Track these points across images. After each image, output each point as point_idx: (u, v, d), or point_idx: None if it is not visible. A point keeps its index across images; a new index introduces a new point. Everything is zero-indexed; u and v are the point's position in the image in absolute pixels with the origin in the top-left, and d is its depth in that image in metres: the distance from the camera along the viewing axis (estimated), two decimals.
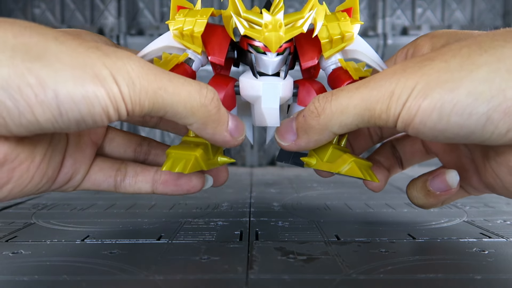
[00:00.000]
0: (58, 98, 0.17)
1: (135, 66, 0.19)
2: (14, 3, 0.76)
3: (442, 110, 0.19)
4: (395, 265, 0.21)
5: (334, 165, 0.25)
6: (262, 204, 0.37)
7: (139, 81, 0.19)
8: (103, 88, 0.18)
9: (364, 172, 0.25)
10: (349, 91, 0.21)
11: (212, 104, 0.22)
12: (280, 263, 0.21)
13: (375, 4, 0.77)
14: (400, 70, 0.20)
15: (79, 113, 0.18)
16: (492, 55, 0.18)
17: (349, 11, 0.27)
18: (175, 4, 0.26)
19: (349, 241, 0.25)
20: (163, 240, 0.25)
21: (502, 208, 0.35)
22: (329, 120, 0.22)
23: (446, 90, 0.18)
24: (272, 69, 0.24)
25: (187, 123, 0.22)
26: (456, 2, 0.78)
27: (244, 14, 0.23)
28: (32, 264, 0.21)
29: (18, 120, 0.17)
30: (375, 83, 0.20)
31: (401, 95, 0.19)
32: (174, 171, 0.23)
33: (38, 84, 0.17)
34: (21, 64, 0.17)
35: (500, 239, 0.25)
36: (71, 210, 0.35)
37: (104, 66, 0.18)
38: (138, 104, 0.19)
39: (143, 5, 0.77)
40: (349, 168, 0.25)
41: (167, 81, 0.20)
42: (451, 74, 0.19)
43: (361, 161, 0.25)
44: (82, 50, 0.18)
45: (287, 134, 0.25)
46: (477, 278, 0.19)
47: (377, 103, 0.20)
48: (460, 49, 0.19)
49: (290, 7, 0.78)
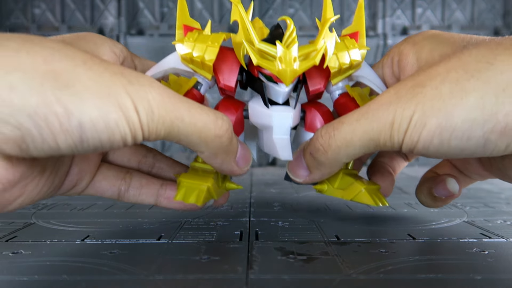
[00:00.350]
0: (82, 127, 0.18)
1: (156, 94, 0.19)
2: (14, 3, 0.76)
3: (442, 136, 0.20)
4: (395, 265, 0.21)
5: (346, 192, 0.27)
6: (262, 204, 0.37)
7: (158, 110, 0.19)
8: (124, 117, 0.18)
9: (376, 199, 0.26)
10: (350, 124, 0.22)
11: (226, 135, 0.22)
12: (280, 263, 0.21)
13: (375, 4, 0.77)
14: (395, 99, 0.21)
15: (99, 140, 0.18)
16: (478, 80, 0.19)
17: (356, 35, 0.27)
18: (181, 23, 0.26)
19: (349, 241, 0.25)
20: (163, 240, 0.25)
21: (502, 208, 0.35)
22: (337, 154, 0.23)
23: (441, 118, 0.20)
24: (283, 98, 0.25)
25: (199, 151, 0.22)
26: (456, 2, 0.78)
27: (258, 46, 0.22)
28: (32, 264, 0.21)
29: (40, 146, 0.18)
30: (373, 115, 0.22)
31: (401, 125, 0.21)
32: (187, 202, 0.24)
33: (65, 113, 0.17)
34: (50, 93, 0.17)
35: (500, 239, 0.25)
36: (71, 210, 0.35)
37: (127, 95, 0.19)
38: (155, 133, 0.20)
39: (143, 5, 0.77)
40: (361, 196, 0.26)
41: (185, 110, 0.20)
42: (443, 102, 0.20)
43: (370, 187, 0.27)
44: (108, 77, 0.18)
45: (299, 171, 0.26)
46: (477, 279, 0.19)
47: (380, 134, 0.21)
48: (448, 73, 0.20)
49: (291, 7, 0.78)
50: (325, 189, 0.27)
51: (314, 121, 0.27)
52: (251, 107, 0.26)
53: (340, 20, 0.78)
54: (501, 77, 0.19)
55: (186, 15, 0.26)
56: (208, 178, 0.25)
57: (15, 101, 0.17)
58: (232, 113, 0.26)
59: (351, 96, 0.27)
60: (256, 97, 0.26)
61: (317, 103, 0.28)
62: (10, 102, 0.17)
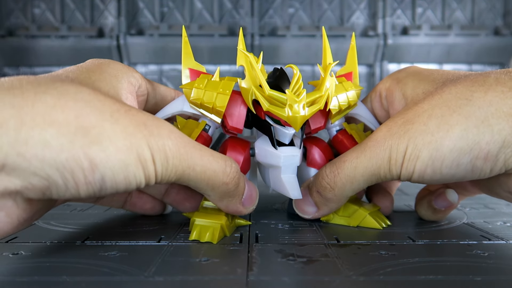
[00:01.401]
0: (104, 180, 0.19)
1: (173, 145, 0.21)
2: (14, 3, 0.76)
3: (434, 166, 0.23)
4: (395, 267, 0.21)
5: (352, 219, 0.29)
6: (262, 206, 0.37)
7: (172, 161, 0.21)
8: (142, 169, 0.20)
9: (380, 221, 0.28)
10: (351, 162, 0.25)
11: (233, 182, 0.24)
12: (280, 265, 0.21)
13: (375, 4, 0.77)
14: (389, 135, 0.24)
15: (116, 189, 0.20)
16: (460, 115, 0.22)
17: (350, 75, 0.30)
18: (187, 67, 0.27)
19: (349, 244, 0.25)
20: (163, 242, 0.25)
21: (502, 210, 0.35)
22: (343, 190, 0.26)
23: (432, 150, 0.22)
24: (289, 139, 0.26)
25: (205, 194, 0.25)
26: (456, 2, 0.78)
27: (269, 93, 0.24)
28: (32, 265, 0.21)
29: (63, 194, 0.19)
30: (371, 152, 0.24)
31: (397, 160, 0.24)
32: (203, 241, 0.25)
33: (90, 167, 0.19)
34: (80, 150, 0.18)
35: (500, 241, 0.26)
36: (71, 211, 0.35)
37: (147, 147, 0.20)
38: (166, 179, 0.22)
39: (143, 5, 0.77)
40: (367, 221, 0.28)
41: (197, 158, 0.22)
42: (432, 135, 0.22)
43: (373, 211, 0.29)
44: (131, 130, 0.20)
45: (307, 209, 0.29)
46: (477, 280, 0.19)
47: (379, 169, 0.24)
48: (433, 110, 0.23)
49: (291, 7, 0.78)
50: (331, 218, 0.29)
51: (315, 157, 0.29)
52: (259, 148, 0.28)
53: (341, 20, 0.78)
54: (479, 112, 0.22)
55: (191, 59, 0.28)
56: (221, 216, 0.26)
57: (47, 156, 0.18)
58: (240, 153, 0.27)
59: (349, 134, 0.29)
60: (262, 138, 0.28)
61: (316, 139, 0.30)
62: (42, 157, 0.18)
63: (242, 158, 0.27)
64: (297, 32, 0.76)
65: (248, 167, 0.29)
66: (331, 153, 0.30)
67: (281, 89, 0.24)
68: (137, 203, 0.31)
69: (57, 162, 0.18)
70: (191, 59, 0.27)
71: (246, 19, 0.76)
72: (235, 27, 0.77)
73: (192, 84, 0.26)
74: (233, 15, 0.77)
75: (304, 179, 0.30)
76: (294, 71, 0.25)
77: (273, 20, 0.78)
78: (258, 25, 0.76)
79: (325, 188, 0.26)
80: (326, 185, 0.26)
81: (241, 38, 0.26)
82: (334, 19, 0.78)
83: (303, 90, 0.24)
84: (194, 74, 0.27)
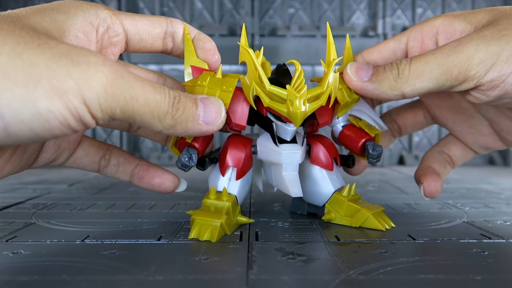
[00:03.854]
0: (4, 120, 0.17)
1: (109, 72, 0.19)
2: (14, 3, 0.76)
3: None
4: (395, 266, 0.21)
5: (354, 220, 0.28)
6: (262, 204, 0.37)
7: (111, 89, 0.19)
8: (60, 102, 0.17)
9: (383, 223, 0.28)
10: (425, 57, 0.23)
11: (177, 109, 0.22)
12: (280, 263, 0.21)
13: (375, 4, 0.77)
14: (478, 37, 0.22)
15: (31, 131, 0.18)
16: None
17: None
18: (189, 64, 0.27)
19: (349, 242, 0.25)
20: (163, 241, 0.25)
21: (502, 209, 0.35)
22: (405, 82, 0.24)
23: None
24: (291, 136, 0.26)
25: (155, 129, 0.22)
26: (456, 2, 0.78)
27: (269, 89, 0.23)
28: (32, 264, 0.21)
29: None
30: (450, 50, 0.23)
31: (486, 60, 0.22)
32: (202, 240, 0.25)
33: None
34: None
35: (500, 240, 0.25)
36: (71, 210, 0.35)
37: (68, 76, 0.17)
38: (108, 113, 0.19)
39: (143, 5, 0.77)
40: (369, 222, 0.28)
41: (139, 89, 0.20)
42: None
43: (376, 212, 0.28)
44: (42, 61, 0.17)
45: (361, 72, 0.26)
46: (477, 279, 0.19)
47: (454, 67, 0.22)
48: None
49: (291, 7, 0.78)
50: (333, 218, 0.29)
51: (319, 155, 0.29)
52: (260, 145, 0.28)
53: (341, 20, 0.78)
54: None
55: (193, 56, 0.27)
56: (221, 214, 0.26)
57: None
58: (242, 150, 0.27)
59: (358, 126, 0.29)
60: (264, 135, 0.28)
61: (320, 136, 0.30)
62: None
63: (244, 156, 0.27)
64: (297, 32, 0.76)
65: (250, 165, 0.28)
66: (336, 150, 0.30)
67: (282, 85, 0.24)
68: (144, 177, 0.29)
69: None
70: (193, 56, 0.27)
71: (246, 19, 0.76)
72: (235, 27, 0.77)
73: (194, 81, 0.26)
74: (233, 15, 0.77)
75: (307, 176, 0.30)
76: (296, 66, 0.24)
77: (273, 20, 0.78)
78: (258, 25, 0.76)
79: (393, 70, 0.25)
80: (396, 68, 0.25)
81: (243, 34, 0.25)
82: (334, 19, 0.78)
83: (304, 86, 0.23)
84: (196, 71, 0.27)
